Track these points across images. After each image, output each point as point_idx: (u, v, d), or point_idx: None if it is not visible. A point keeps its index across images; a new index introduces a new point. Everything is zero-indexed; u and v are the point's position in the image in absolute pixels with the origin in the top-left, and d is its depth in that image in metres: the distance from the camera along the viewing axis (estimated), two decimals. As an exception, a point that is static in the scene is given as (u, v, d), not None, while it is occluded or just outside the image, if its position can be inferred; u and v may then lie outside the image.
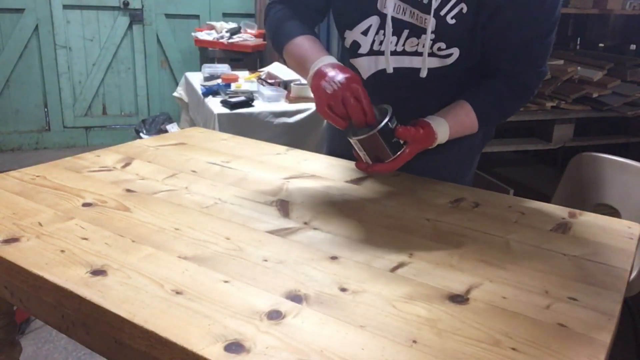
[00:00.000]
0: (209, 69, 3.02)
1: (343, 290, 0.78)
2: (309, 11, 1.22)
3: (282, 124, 2.56)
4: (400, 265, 0.86)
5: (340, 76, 1.00)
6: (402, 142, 1.04)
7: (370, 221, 1.02)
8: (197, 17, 4.36)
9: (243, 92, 2.66)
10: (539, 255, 0.92)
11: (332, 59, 1.07)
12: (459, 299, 0.77)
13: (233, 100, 2.53)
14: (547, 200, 1.38)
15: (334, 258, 0.87)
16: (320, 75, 1.03)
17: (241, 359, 0.63)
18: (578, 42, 3.36)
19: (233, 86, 2.77)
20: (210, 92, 2.71)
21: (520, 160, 3.14)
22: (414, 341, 0.68)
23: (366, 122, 1.01)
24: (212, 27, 3.88)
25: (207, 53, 3.77)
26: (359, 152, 1.06)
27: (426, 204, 1.11)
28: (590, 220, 1.07)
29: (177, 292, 0.76)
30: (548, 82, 2.66)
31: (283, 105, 2.63)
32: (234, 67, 3.25)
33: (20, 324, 2.05)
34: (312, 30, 1.20)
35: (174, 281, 0.78)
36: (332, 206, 1.08)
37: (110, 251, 0.86)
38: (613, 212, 1.75)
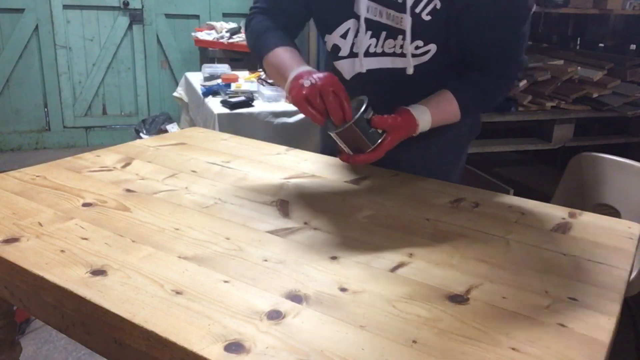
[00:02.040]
0: (209, 69, 3.02)
1: (343, 290, 0.78)
2: (290, 22, 1.25)
3: (282, 124, 2.55)
4: (400, 265, 0.86)
5: (320, 74, 1.03)
6: (380, 131, 1.05)
7: (370, 221, 1.02)
8: (197, 17, 4.36)
9: (243, 92, 2.66)
10: (539, 255, 0.91)
11: (310, 68, 1.09)
12: (459, 299, 0.77)
13: (233, 100, 2.53)
14: (547, 200, 1.38)
15: (334, 258, 0.87)
16: (298, 77, 1.05)
17: (241, 359, 0.63)
18: (578, 42, 3.36)
19: (233, 86, 2.76)
20: (210, 92, 2.71)
21: (520, 160, 3.15)
22: (414, 341, 0.67)
23: (344, 118, 1.02)
24: (212, 27, 3.88)
25: (207, 53, 3.77)
26: (341, 145, 1.08)
27: (426, 204, 1.11)
28: (590, 220, 1.07)
29: (177, 292, 0.76)
30: (548, 82, 2.66)
31: (283, 105, 2.63)
32: (234, 67, 3.24)
33: (20, 324, 2.05)
34: (292, 41, 1.22)
35: (174, 281, 0.78)
36: (332, 206, 1.08)
37: (110, 251, 0.86)
38: (613, 212, 1.75)
